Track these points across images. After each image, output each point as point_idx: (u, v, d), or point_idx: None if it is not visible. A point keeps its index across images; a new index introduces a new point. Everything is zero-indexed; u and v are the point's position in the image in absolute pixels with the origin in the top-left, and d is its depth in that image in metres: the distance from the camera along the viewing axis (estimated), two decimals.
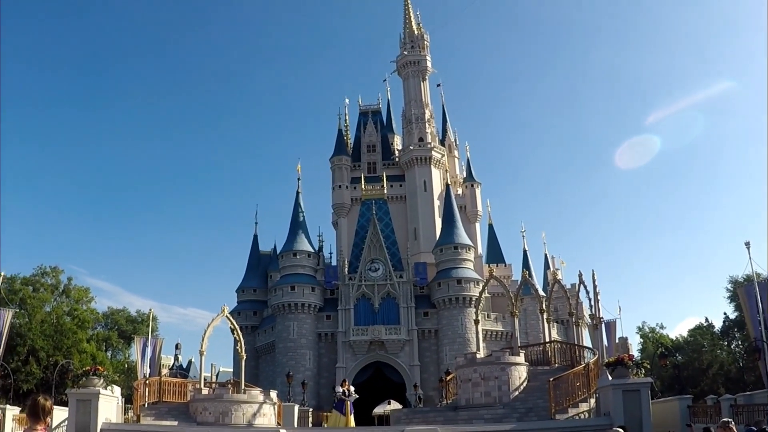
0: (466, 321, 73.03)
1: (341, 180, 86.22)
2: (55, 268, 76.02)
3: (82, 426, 26.45)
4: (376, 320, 74.09)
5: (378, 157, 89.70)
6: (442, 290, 75.24)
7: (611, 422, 24.60)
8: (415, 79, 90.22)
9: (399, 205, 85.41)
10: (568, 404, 30.42)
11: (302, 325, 75.05)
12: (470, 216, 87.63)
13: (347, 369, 72.37)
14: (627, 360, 27.44)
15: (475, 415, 31.67)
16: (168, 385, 36.59)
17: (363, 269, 76.16)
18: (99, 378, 27.83)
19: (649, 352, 78.64)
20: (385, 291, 75.36)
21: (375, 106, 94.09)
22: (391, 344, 73.12)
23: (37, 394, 7.73)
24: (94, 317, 78.41)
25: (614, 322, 50.25)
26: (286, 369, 65.76)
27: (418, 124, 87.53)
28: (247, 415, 32.92)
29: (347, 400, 33.47)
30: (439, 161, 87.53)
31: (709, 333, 75.55)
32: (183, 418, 32.75)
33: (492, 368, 33.62)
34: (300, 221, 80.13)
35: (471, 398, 33.47)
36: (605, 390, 27.39)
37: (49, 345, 65.24)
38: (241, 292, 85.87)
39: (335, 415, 34.09)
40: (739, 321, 63.97)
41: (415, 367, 72.46)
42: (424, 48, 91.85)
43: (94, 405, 26.96)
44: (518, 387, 33.35)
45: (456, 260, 76.45)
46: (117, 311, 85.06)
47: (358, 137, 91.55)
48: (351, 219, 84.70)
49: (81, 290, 77.46)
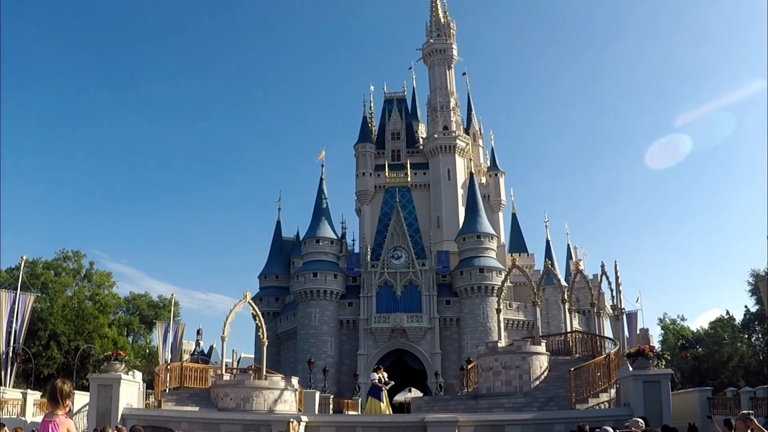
0: (487, 310, 72.90)
1: (365, 167, 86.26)
2: (77, 252, 76.52)
3: (103, 411, 26.67)
4: (398, 308, 74.08)
5: (402, 145, 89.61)
6: (464, 279, 75.15)
7: (631, 413, 24.50)
8: (440, 68, 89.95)
9: (422, 193, 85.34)
10: (588, 394, 30.35)
11: (324, 312, 75.24)
12: (493, 205, 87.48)
13: (368, 356, 72.55)
14: (648, 351, 27.34)
15: (495, 404, 31.62)
16: (189, 371, 36.78)
17: (385, 257, 76.15)
18: (120, 363, 28.01)
19: (669, 343, 78.25)
20: (408, 279, 75.33)
21: (400, 94, 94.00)
22: (413, 332, 73.15)
23: (56, 379, 7.71)
24: (116, 302, 78.77)
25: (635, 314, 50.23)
26: (308, 356, 66.00)
27: (443, 112, 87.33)
28: (268, 402, 33.04)
29: (383, 387, 33.47)
30: (464, 150, 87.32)
31: (730, 326, 75.11)
32: (204, 404, 32.90)
33: (513, 357, 33.55)
34: (323, 208, 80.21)
35: (492, 387, 33.42)
36: (626, 380, 27.29)
37: (71, 330, 65.64)
38: (263, 278, 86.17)
39: (372, 401, 34.02)
40: (760, 314, 63.57)
41: (436, 356, 72.45)
42: (450, 36, 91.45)
43: (116, 390, 27.17)
44: (539, 376, 33.27)
45: (479, 249, 76.31)
46: (139, 296, 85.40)
47: (383, 125, 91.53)
48: (374, 206, 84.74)
49: (103, 275, 77.86)
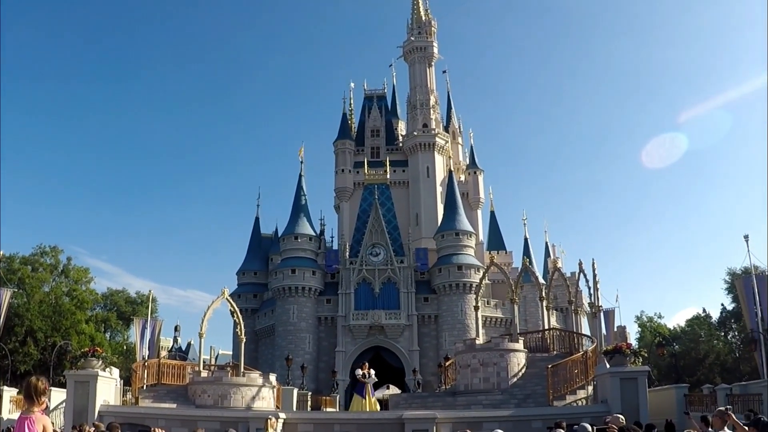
0: (465, 307, 73.11)
1: (344, 164, 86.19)
2: (54, 247, 75.88)
3: (80, 408, 26.48)
4: (376, 305, 74.16)
5: (382, 142, 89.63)
6: (442, 276, 75.30)
7: (608, 409, 24.64)
8: (421, 65, 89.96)
9: (401, 191, 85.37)
10: (566, 391, 30.55)
11: (302, 308, 75.13)
12: (472, 203, 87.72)
13: (346, 353, 72.61)
14: (625, 348, 27.53)
15: (473, 401, 31.76)
16: (167, 368, 36.63)
17: (364, 254, 76.16)
18: (97, 359, 27.82)
19: (646, 341, 78.77)
20: (386, 276, 75.40)
21: (380, 91, 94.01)
22: (391, 329, 73.24)
23: (32, 376, 7.65)
24: (93, 298, 78.18)
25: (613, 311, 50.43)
26: (286, 352, 65.93)
27: (423, 110, 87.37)
28: (246, 398, 32.98)
29: (366, 382, 33.46)
30: (443, 147, 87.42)
31: (707, 323, 75.71)
32: (182, 401, 32.81)
33: (491, 354, 33.69)
34: (302, 204, 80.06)
35: (470, 384, 33.55)
36: (603, 377, 27.47)
37: (48, 326, 65.06)
38: (241, 275, 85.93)
39: (356, 398, 34.08)
40: (736, 312, 64.03)
41: (414, 353, 72.58)
42: (431, 34, 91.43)
43: (93, 387, 26.97)
44: (517, 373, 33.43)
45: (457, 246, 76.47)
46: (116, 292, 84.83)
47: (362, 122, 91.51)
48: (353, 203, 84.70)
49: (80, 270, 77.30)
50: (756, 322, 32.51)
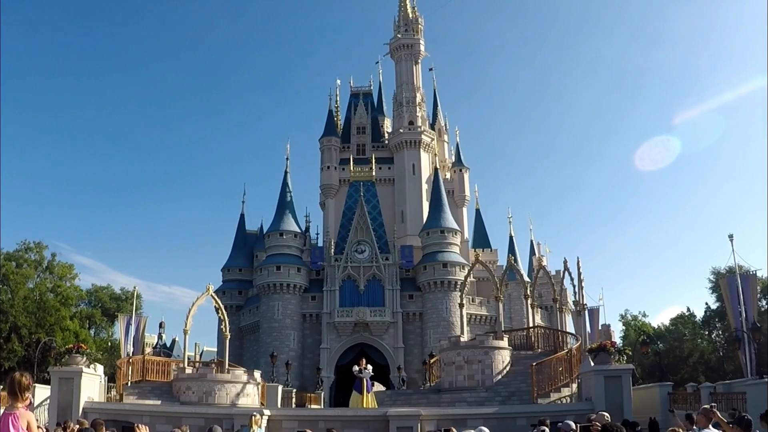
0: (450, 305, 73.13)
1: (330, 161, 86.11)
2: (39, 243, 75.38)
3: (65, 404, 26.42)
4: (361, 302, 74.15)
5: (367, 139, 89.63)
6: (427, 273, 75.36)
7: (593, 407, 24.77)
8: (407, 63, 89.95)
9: (387, 188, 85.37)
10: (550, 389, 30.66)
11: (287, 305, 75.05)
12: (458, 201, 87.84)
13: (331, 350, 72.61)
14: (609, 346, 27.67)
15: (458, 398, 31.85)
16: (151, 364, 36.57)
17: (349, 251, 76.12)
18: (82, 356, 27.76)
19: (631, 339, 79.11)
20: (371, 273, 75.38)
21: (366, 88, 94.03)
22: (376, 326, 73.26)
23: (15, 371, 7.61)
24: (78, 294, 77.79)
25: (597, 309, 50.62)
26: (271, 349, 65.87)
27: (409, 107, 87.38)
28: (231, 395, 32.97)
29: (362, 377, 33.40)
30: (429, 145, 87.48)
31: (691, 322, 76.08)
32: (166, 398, 32.76)
33: (476, 352, 33.79)
34: (287, 201, 80.00)
35: (454, 381, 33.64)
36: (587, 375, 27.58)
37: (32, 322, 64.72)
38: (226, 271, 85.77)
39: (354, 395, 33.96)
40: (720, 311, 64.36)
41: (399, 350, 72.64)
42: (418, 32, 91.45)
43: (77, 383, 26.92)
44: (501, 371, 33.55)
45: (442, 244, 76.53)
46: (101, 288, 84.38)
47: (349, 119, 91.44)
48: (338, 200, 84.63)
49: (65, 267, 76.86)
50: (740, 322, 32.66)
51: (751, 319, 32.46)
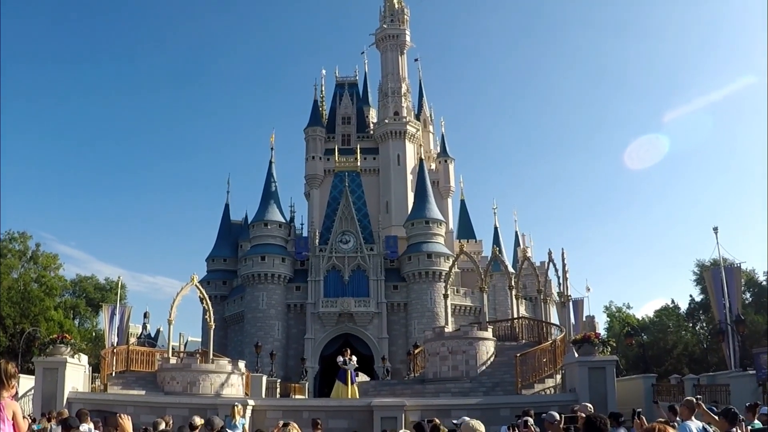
0: (435, 295, 73.28)
1: (315, 151, 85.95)
2: (23, 233, 74.76)
3: (49, 394, 26.36)
4: (346, 292, 74.15)
5: (353, 130, 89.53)
6: (412, 264, 75.45)
7: (577, 398, 24.91)
8: (393, 53, 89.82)
9: (372, 178, 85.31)
10: (534, 380, 30.81)
11: (272, 295, 74.98)
12: (443, 191, 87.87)
13: (315, 340, 72.62)
14: (593, 338, 27.83)
15: (442, 389, 31.95)
16: (136, 354, 36.54)
17: (334, 241, 76.10)
18: (66, 346, 27.70)
19: (615, 331, 79.38)
20: (356, 263, 75.41)
21: (352, 78, 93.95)
22: (360, 317, 73.34)
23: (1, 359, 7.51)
24: (62, 284, 77.31)
25: (582, 301, 50.88)
26: (255, 339, 65.73)
27: (394, 97, 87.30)
28: (215, 385, 32.99)
29: (347, 368, 33.32)
30: (414, 136, 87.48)
31: (675, 314, 76.35)
32: (151, 388, 32.73)
33: (460, 342, 33.89)
34: (272, 191, 79.81)
35: (439, 372, 33.74)
36: (571, 366, 27.74)
37: (16, 312, 64.39)
38: (210, 261, 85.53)
39: (337, 385, 33.87)
40: (704, 303, 64.62)
41: (383, 340, 72.73)
42: (404, 22, 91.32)
43: (61, 373, 26.87)
44: (485, 362, 33.65)
45: (427, 234, 76.60)
46: (85, 279, 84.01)
47: (334, 109, 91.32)
48: (323, 190, 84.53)
49: (49, 257, 76.38)
50: (724, 314, 32.95)
51: (735, 311, 32.72)
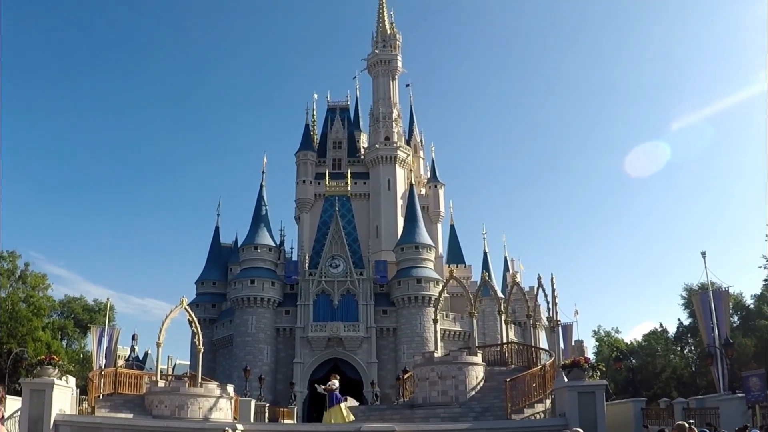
0: (424, 320, 73.30)
1: (305, 175, 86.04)
2: (12, 252, 74.37)
3: (36, 417, 26.09)
4: (335, 317, 74.12)
5: (343, 154, 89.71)
6: (401, 289, 75.48)
7: (566, 423, 24.87)
8: (384, 78, 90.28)
9: (362, 203, 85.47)
10: (524, 404, 30.67)
11: (261, 319, 74.84)
12: (432, 216, 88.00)
13: (305, 365, 72.44)
14: (583, 362, 27.80)
15: (431, 414, 31.78)
16: (124, 377, 36.17)
17: (323, 265, 76.13)
18: (54, 368, 27.43)
19: (603, 355, 79.51)
20: (345, 288, 75.40)
21: (343, 103, 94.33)
22: (350, 341, 73.23)
23: None
24: (51, 305, 76.84)
25: (571, 325, 51.03)
26: (244, 363, 65.51)
27: (386, 122, 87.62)
28: (204, 409, 32.73)
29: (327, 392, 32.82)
30: (404, 161, 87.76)
31: (663, 338, 76.53)
32: (138, 411, 32.45)
33: (449, 367, 33.74)
34: (263, 215, 79.91)
35: (428, 397, 33.57)
36: (561, 391, 27.69)
37: (4, 332, 63.97)
38: (200, 284, 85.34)
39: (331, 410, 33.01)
40: (693, 327, 64.81)
41: (372, 365, 72.60)
42: (396, 47, 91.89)
43: (48, 395, 26.58)
44: (475, 387, 33.51)
45: (417, 259, 76.72)
46: (74, 299, 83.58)
47: (325, 133, 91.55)
48: (314, 214, 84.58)
49: (38, 276, 75.95)
50: (712, 337, 33.05)
51: (724, 335, 32.81)
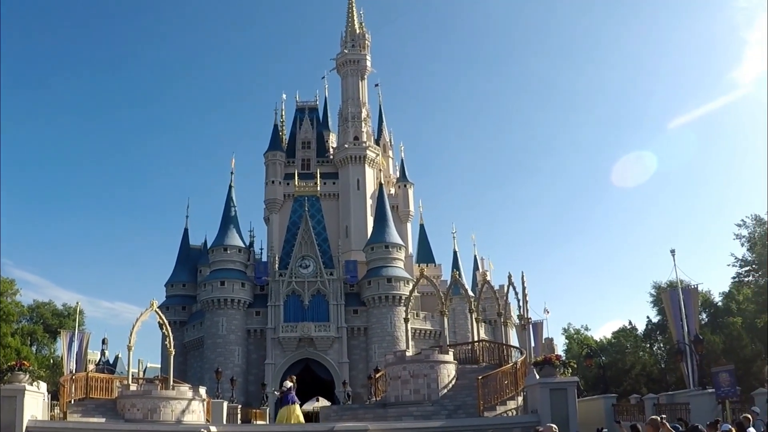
0: (395, 319, 73.52)
1: (275, 175, 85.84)
2: None
3: (7, 423, 25.91)
4: (306, 317, 74.11)
5: (312, 154, 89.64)
6: (372, 288, 75.64)
7: (539, 419, 25.13)
8: (353, 78, 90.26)
9: (332, 203, 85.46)
10: (496, 402, 30.91)
11: (231, 321, 74.64)
12: (402, 216, 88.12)
13: (276, 365, 72.33)
14: (554, 360, 28.11)
15: (404, 412, 31.90)
16: (95, 381, 35.90)
17: (293, 266, 76.07)
18: (24, 373, 27.28)
19: (574, 352, 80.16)
20: (315, 288, 75.41)
21: (312, 103, 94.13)
22: (321, 341, 73.26)
23: None
24: (19, 310, 76.29)
25: (541, 323, 51.28)
26: (215, 365, 65.21)
27: (354, 122, 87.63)
28: (176, 412, 32.62)
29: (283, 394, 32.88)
30: (374, 160, 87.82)
31: (632, 335, 77.34)
32: (111, 415, 32.27)
33: (421, 366, 33.88)
34: (232, 216, 79.66)
35: (400, 395, 33.69)
36: (533, 388, 27.97)
37: None
38: (170, 287, 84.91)
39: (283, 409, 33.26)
40: (661, 324, 65.54)
41: (344, 365, 72.70)
42: (365, 47, 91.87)
43: (20, 402, 26.41)
44: (447, 385, 33.68)
45: (387, 259, 76.88)
46: (43, 304, 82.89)
47: (294, 133, 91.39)
48: (283, 215, 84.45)
49: (6, 282, 75.17)
50: (682, 334, 33.44)
51: (693, 331, 33.21)
